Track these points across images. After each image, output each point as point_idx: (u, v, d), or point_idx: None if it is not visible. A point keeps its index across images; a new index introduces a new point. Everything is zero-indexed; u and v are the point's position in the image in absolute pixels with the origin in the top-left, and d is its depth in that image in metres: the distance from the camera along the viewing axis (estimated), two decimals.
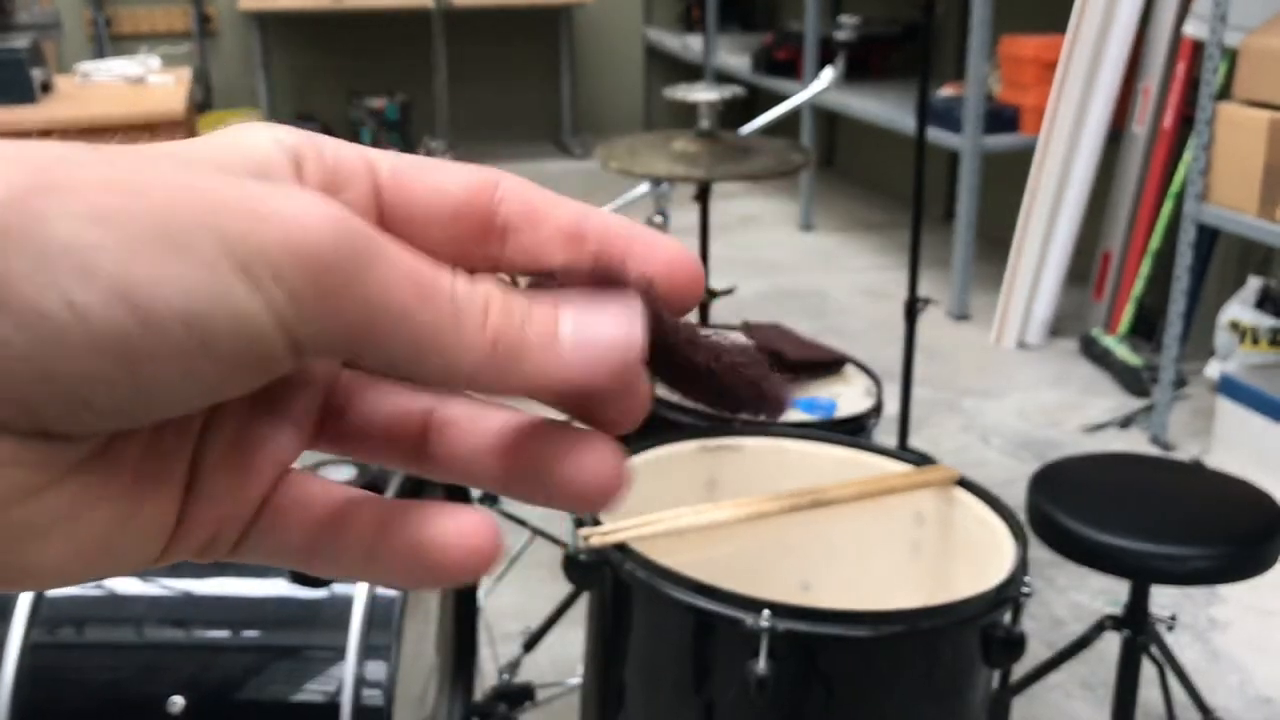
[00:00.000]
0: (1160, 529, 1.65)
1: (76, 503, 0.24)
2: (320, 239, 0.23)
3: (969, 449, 3.11)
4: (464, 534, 0.26)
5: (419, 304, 0.24)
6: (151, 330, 0.22)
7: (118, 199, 0.22)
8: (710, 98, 2.17)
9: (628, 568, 1.25)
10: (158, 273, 0.22)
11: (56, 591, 1.28)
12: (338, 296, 0.23)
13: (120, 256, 0.22)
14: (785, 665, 1.18)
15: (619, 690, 1.35)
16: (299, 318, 0.23)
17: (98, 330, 0.21)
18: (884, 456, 1.55)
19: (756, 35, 5.92)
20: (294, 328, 0.23)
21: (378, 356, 0.24)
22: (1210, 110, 2.95)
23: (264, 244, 0.22)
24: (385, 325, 0.24)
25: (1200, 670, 2.20)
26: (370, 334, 0.24)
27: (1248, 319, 3.17)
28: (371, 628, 1.28)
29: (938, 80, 4.30)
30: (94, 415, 0.23)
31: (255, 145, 0.26)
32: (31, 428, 0.22)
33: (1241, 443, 2.95)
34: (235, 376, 0.23)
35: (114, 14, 5.92)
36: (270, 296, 0.22)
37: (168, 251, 0.22)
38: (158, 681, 1.26)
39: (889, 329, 3.34)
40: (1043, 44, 3.83)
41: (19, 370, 0.21)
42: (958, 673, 1.26)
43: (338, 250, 0.23)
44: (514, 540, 2.33)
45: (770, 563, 1.50)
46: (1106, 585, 2.40)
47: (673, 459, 1.54)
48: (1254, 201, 2.86)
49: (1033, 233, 3.78)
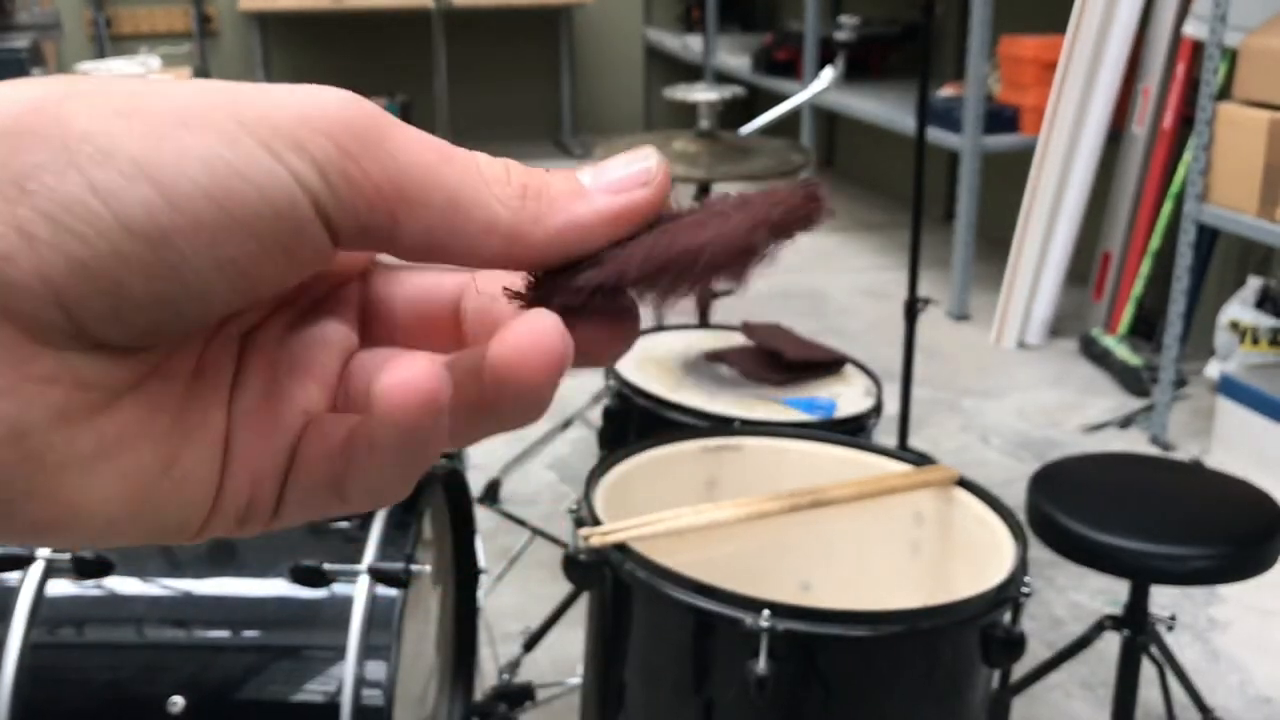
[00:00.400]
0: (1160, 529, 1.65)
1: (118, 436, 0.24)
2: (337, 111, 0.23)
3: (969, 449, 3.11)
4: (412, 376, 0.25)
5: (443, 162, 0.24)
6: (176, 206, 0.22)
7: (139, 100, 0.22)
8: (710, 98, 2.18)
9: (628, 568, 1.25)
10: (177, 150, 0.22)
11: (57, 591, 1.28)
12: (362, 159, 0.23)
13: (140, 140, 0.22)
14: (785, 665, 1.18)
15: (619, 690, 1.35)
16: (325, 185, 0.23)
17: (123, 209, 0.22)
18: (884, 456, 1.55)
19: (756, 35, 5.92)
20: (321, 196, 0.23)
21: (415, 223, 0.24)
22: (1210, 110, 2.95)
23: (282, 121, 0.23)
24: (415, 184, 0.24)
25: (1200, 670, 2.20)
26: (403, 196, 0.24)
27: (1248, 319, 3.17)
28: (371, 627, 1.28)
29: (937, 80, 4.30)
30: (134, 311, 0.23)
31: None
32: (71, 329, 0.22)
33: (1241, 443, 2.96)
34: (271, 259, 0.23)
35: (114, 14, 5.92)
36: (292, 166, 0.23)
37: (188, 133, 0.22)
38: (158, 681, 1.26)
39: (889, 329, 3.34)
40: (1042, 44, 3.83)
41: (51, 260, 0.21)
42: (957, 673, 1.26)
43: (355, 120, 0.23)
44: (514, 540, 2.33)
45: (770, 563, 1.50)
46: (1106, 585, 2.40)
47: (673, 459, 1.54)
48: (1254, 201, 2.86)
49: (1033, 233, 3.78)
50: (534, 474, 2.82)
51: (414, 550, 1.34)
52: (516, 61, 6.36)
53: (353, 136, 0.23)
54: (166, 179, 0.22)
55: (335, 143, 0.23)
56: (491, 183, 0.25)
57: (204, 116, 0.22)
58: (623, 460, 1.48)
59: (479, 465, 2.70)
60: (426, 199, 0.24)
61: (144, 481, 0.25)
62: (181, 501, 0.26)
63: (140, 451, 0.24)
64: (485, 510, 2.43)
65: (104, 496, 0.24)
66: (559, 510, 2.62)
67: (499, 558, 2.28)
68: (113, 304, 0.22)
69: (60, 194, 0.21)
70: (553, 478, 2.88)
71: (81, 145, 0.21)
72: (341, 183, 0.23)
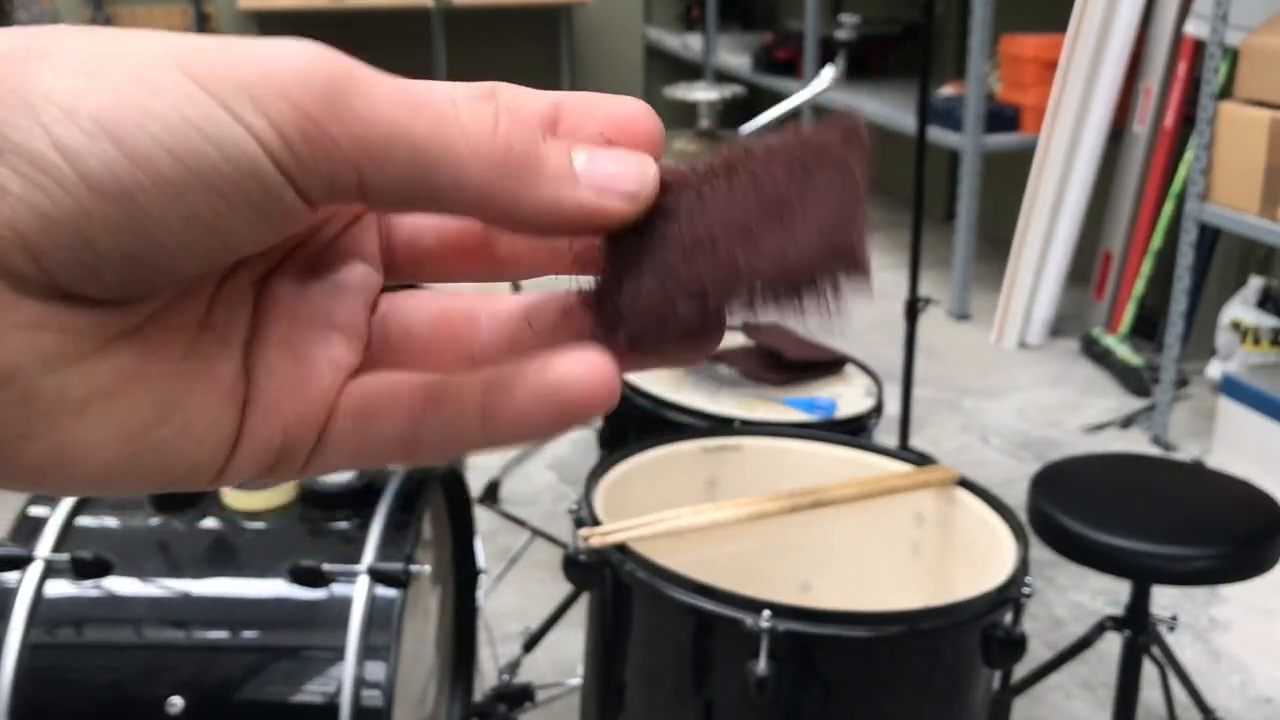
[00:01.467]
0: (1161, 529, 1.65)
1: (112, 382, 0.24)
2: (297, 66, 0.23)
3: (969, 449, 3.11)
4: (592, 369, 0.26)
5: (412, 115, 0.24)
6: (137, 162, 0.22)
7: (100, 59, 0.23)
8: (710, 97, 2.17)
9: (628, 568, 1.25)
10: (138, 108, 0.22)
11: (56, 592, 1.28)
12: (322, 119, 0.23)
13: (101, 99, 0.22)
14: (785, 665, 1.17)
15: (619, 690, 1.35)
16: (286, 144, 0.23)
17: (87, 167, 0.22)
18: (884, 456, 1.54)
19: (757, 34, 5.92)
20: (283, 156, 0.23)
21: (382, 180, 0.24)
22: (1211, 110, 2.94)
23: (243, 78, 0.23)
24: (380, 140, 0.23)
25: (1201, 670, 2.20)
26: (366, 153, 0.23)
27: (1249, 319, 3.17)
28: (371, 628, 1.28)
29: (938, 80, 4.30)
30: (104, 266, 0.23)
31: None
32: (47, 283, 0.23)
33: (1242, 443, 2.95)
34: (241, 216, 0.23)
35: (114, 13, 5.92)
36: (251, 125, 0.22)
37: (148, 92, 0.22)
38: (157, 682, 1.26)
39: (890, 329, 3.34)
40: (1043, 43, 3.83)
41: (19, 212, 0.22)
42: (958, 673, 1.26)
43: (316, 75, 0.23)
44: (514, 541, 2.33)
45: (770, 563, 1.50)
46: (1107, 585, 2.39)
47: (673, 459, 1.53)
48: (1255, 201, 2.86)
49: (1033, 232, 3.78)
50: (534, 474, 2.82)
51: (413, 551, 1.33)
52: (516, 61, 6.36)
53: (314, 94, 0.23)
54: (127, 136, 0.22)
55: (294, 102, 0.23)
56: (470, 136, 0.24)
57: (165, 75, 0.22)
58: (623, 460, 1.48)
59: (479, 465, 2.70)
60: (390, 153, 0.23)
61: (141, 427, 0.25)
62: (187, 449, 0.26)
63: (136, 397, 0.25)
64: (485, 510, 2.43)
65: (99, 440, 0.24)
66: (559, 510, 2.61)
67: (499, 558, 2.28)
68: (80, 258, 0.23)
69: (26, 149, 0.22)
70: (553, 478, 2.88)
71: (45, 104, 0.22)
72: (302, 143, 0.23)
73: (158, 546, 1.35)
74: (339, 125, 0.23)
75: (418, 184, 0.24)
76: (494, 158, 0.24)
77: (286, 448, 0.27)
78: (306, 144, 0.23)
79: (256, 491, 1.39)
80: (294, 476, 0.28)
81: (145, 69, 0.22)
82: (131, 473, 0.25)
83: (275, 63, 0.23)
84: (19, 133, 0.22)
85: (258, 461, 0.27)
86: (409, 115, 0.24)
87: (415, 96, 0.24)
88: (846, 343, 2.04)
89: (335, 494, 1.39)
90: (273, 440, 0.27)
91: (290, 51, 0.23)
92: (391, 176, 0.24)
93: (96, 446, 0.24)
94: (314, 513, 1.39)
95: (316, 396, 0.28)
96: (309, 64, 0.23)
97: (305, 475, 0.28)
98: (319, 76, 0.23)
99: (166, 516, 1.37)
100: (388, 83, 0.24)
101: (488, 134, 0.24)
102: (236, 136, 0.22)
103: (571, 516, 1.34)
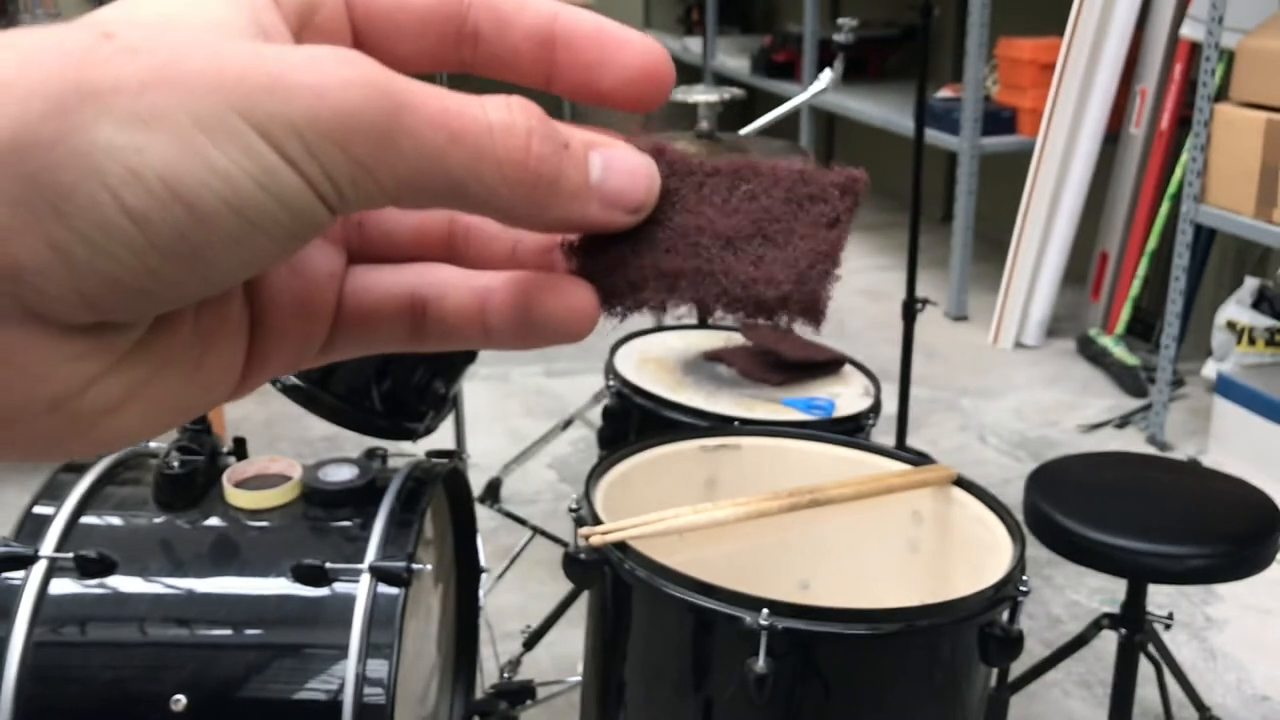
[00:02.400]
0: (1157, 528, 1.66)
1: (146, 376, 0.25)
2: (345, 107, 0.23)
3: (967, 448, 3.12)
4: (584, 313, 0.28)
5: (451, 144, 0.24)
6: (204, 222, 0.23)
7: (153, 96, 0.22)
8: (710, 99, 2.18)
9: (628, 566, 1.25)
10: (202, 166, 0.22)
11: (60, 590, 1.28)
12: (372, 165, 0.24)
13: (164, 154, 0.22)
14: (784, 663, 1.18)
15: (619, 688, 1.36)
16: (337, 186, 0.24)
17: (157, 232, 0.22)
18: (882, 456, 1.55)
19: (755, 37, 5.93)
20: (332, 196, 0.24)
21: (413, 203, 0.25)
22: (1207, 111, 2.95)
23: (294, 121, 0.23)
24: (419, 176, 0.24)
25: (1197, 668, 2.21)
26: (408, 187, 0.24)
27: (1244, 319, 3.18)
28: (373, 626, 1.28)
29: (936, 82, 4.30)
30: (153, 303, 0.24)
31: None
32: (94, 320, 0.23)
33: (1238, 442, 2.96)
34: (286, 246, 0.24)
35: None
36: (307, 171, 0.23)
37: (208, 142, 0.22)
38: (160, 680, 1.26)
39: (887, 329, 3.34)
40: (1040, 46, 3.84)
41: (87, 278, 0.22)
42: (956, 671, 1.27)
43: (363, 115, 0.23)
44: (514, 539, 2.34)
45: (769, 561, 1.51)
46: (1104, 584, 2.40)
47: (672, 458, 1.54)
48: (1250, 202, 2.87)
49: (1030, 233, 3.79)
50: (534, 473, 2.83)
51: (415, 549, 1.34)
52: None
53: (363, 138, 0.23)
54: (194, 198, 0.22)
55: (344, 148, 0.23)
56: (503, 161, 0.25)
57: (221, 121, 0.22)
58: (623, 460, 1.48)
59: (480, 465, 2.71)
60: (428, 185, 0.25)
61: (173, 399, 0.26)
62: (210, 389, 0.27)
63: (167, 378, 0.26)
64: (486, 509, 2.44)
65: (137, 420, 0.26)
66: (559, 509, 2.62)
67: (500, 557, 2.29)
68: (142, 305, 0.24)
69: (95, 217, 0.22)
70: (553, 477, 2.88)
71: (110, 164, 0.22)
72: (350, 187, 0.24)
73: (161, 545, 1.35)
74: (384, 169, 0.24)
75: (445, 202, 0.25)
76: (523, 186, 0.25)
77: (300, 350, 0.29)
78: (354, 187, 0.24)
79: (259, 491, 1.39)
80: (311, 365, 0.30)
81: (202, 111, 0.22)
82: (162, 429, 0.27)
83: (324, 99, 0.23)
84: (86, 198, 0.22)
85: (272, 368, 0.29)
86: (450, 147, 0.24)
87: (454, 124, 0.24)
88: (845, 343, 2.05)
89: (338, 493, 1.39)
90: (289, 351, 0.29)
91: (338, 85, 0.23)
92: (423, 200, 0.25)
93: (139, 426, 0.26)
94: (316, 511, 1.39)
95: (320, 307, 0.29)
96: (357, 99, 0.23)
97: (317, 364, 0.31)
98: (367, 117, 0.23)
99: (170, 515, 1.37)
100: (431, 108, 0.24)
101: (519, 162, 0.25)
102: (295, 188, 0.23)
103: (572, 515, 1.35)
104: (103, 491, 1.39)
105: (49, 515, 1.34)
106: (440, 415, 1.76)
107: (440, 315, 0.30)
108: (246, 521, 1.38)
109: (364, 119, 0.23)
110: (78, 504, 1.36)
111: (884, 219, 5.26)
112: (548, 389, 3.39)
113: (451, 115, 0.25)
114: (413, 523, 1.37)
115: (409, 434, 1.67)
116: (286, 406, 1.63)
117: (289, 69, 0.23)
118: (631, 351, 1.90)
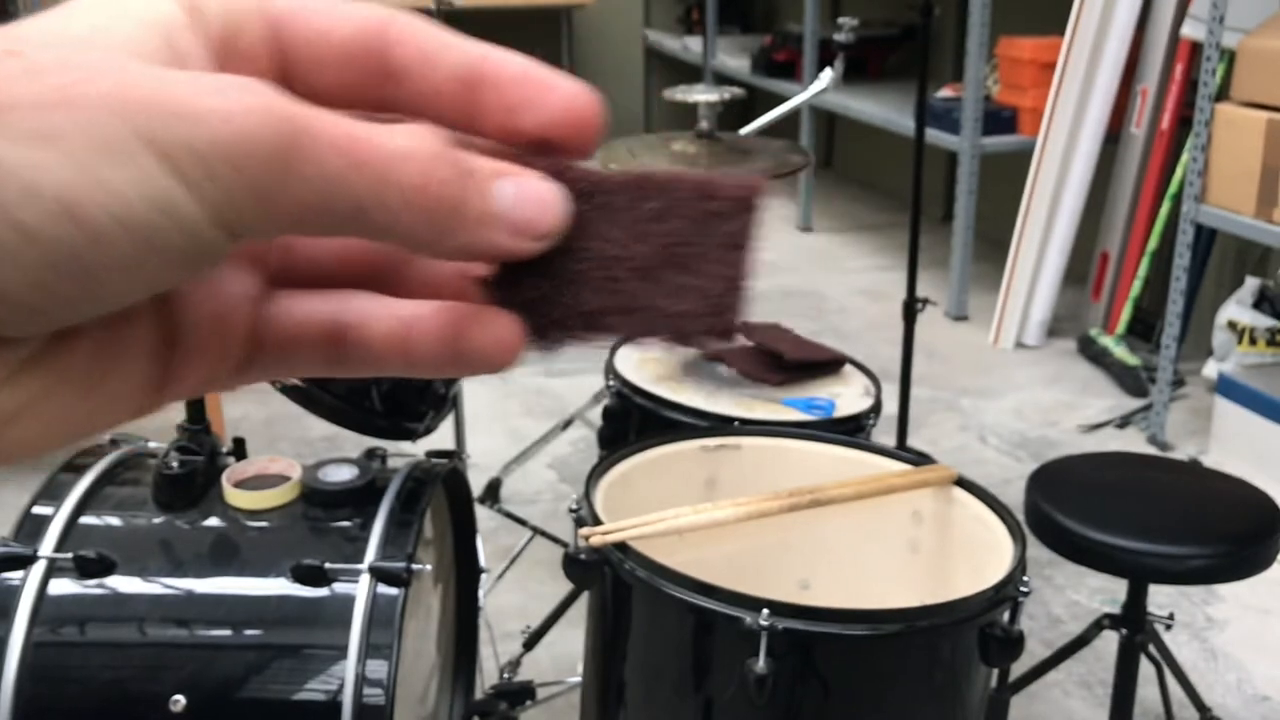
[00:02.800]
0: (1158, 528, 1.66)
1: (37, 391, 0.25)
2: (247, 135, 0.23)
3: (967, 448, 3.12)
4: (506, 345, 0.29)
5: (355, 172, 0.24)
6: (98, 242, 0.23)
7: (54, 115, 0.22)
8: (710, 99, 2.18)
9: (627, 567, 1.25)
10: (98, 186, 0.22)
11: (59, 590, 1.28)
12: (272, 190, 0.24)
13: (61, 174, 0.22)
14: (784, 663, 1.18)
15: (619, 688, 1.36)
16: (235, 213, 0.24)
17: (47, 247, 0.22)
18: (883, 456, 1.55)
19: (756, 37, 5.93)
20: (231, 222, 0.24)
21: (314, 230, 0.25)
22: (1208, 111, 2.95)
23: (196, 146, 0.23)
24: (321, 201, 0.24)
25: (1198, 669, 2.21)
26: (309, 211, 0.24)
27: (1245, 319, 3.18)
28: (372, 626, 1.28)
29: (936, 82, 4.30)
30: (45, 320, 0.24)
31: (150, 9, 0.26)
32: None
33: (1239, 442, 2.96)
34: (183, 270, 0.24)
35: None
36: (205, 196, 0.23)
37: (106, 164, 0.22)
38: (159, 680, 1.26)
39: (887, 329, 3.34)
40: (1041, 45, 3.84)
41: None
42: (956, 671, 1.27)
43: (265, 143, 0.23)
44: (514, 539, 2.34)
45: (769, 561, 1.51)
46: (1104, 584, 2.40)
47: (672, 459, 1.54)
48: (1251, 202, 2.87)
49: (1031, 233, 3.79)
50: (534, 473, 2.83)
51: (415, 549, 1.34)
52: None
53: (263, 164, 0.23)
54: (89, 218, 0.22)
55: (243, 174, 0.23)
56: (405, 187, 0.25)
57: (122, 143, 0.22)
58: (623, 460, 1.48)
59: (480, 465, 2.71)
60: (329, 209, 0.25)
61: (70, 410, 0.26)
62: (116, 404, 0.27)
63: (64, 393, 0.26)
64: (486, 509, 2.44)
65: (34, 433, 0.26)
66: (559, 509, 2.62)
67: (499, 557, 2.29)
68: (29, 320, 0.24)
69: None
70: (553, 477, 2.88)
71: (5, 179, 0.22)
72: (250, 213, 0.24)
73: (160, 545, 1.35)
74: (284, 194, 0.24)
75: (347, 229, 0.25)
76: (425, 211, 0.25)
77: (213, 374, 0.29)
78: (254, 214, 0.24)
79: (258, 491, 1.39)
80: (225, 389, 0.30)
81: (103, 132, 0.22)
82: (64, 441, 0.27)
83: (227, 125, 0.23)
84: None
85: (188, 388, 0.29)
86: (351, 172, 0.24)
87: (358, 152, 0.24)
88: (845, 343, 2.05)
89: (337, 493, 1.39)
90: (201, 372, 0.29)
91: (240, 111, 0.23)
92: (324, 227, 0.25)
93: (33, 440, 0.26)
94: (316, 511, 1.39)
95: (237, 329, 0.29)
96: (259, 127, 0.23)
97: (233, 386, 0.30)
98: (266, 142, 0.23)
99: (169, 515, 1.37)
100: (333, 133, 0.24)
101: (420, 187, 0.25)
102: (191, 212, 0.23)
103: (572, 515, 1.35)
104: (102, 492, 1.39)
105: (48, 515, 1.34)
106: (440, 415, 1.76)
107: (362, 342, 0.30)
108: (246, 522, 1.37)
109: (263, 143, 0.23)
110: (77, 504, 1.36)
111: (884, 219, 5.26)
112: (548, 389, 3.39)
113: (356, 141, 0.24)
114: (412, 523, 1.37)
115: (409, 434, 1.67)
116: (286, 406, 1.63)
117: (192, 95, 0.23)
118: (631, 351, 1.90)
